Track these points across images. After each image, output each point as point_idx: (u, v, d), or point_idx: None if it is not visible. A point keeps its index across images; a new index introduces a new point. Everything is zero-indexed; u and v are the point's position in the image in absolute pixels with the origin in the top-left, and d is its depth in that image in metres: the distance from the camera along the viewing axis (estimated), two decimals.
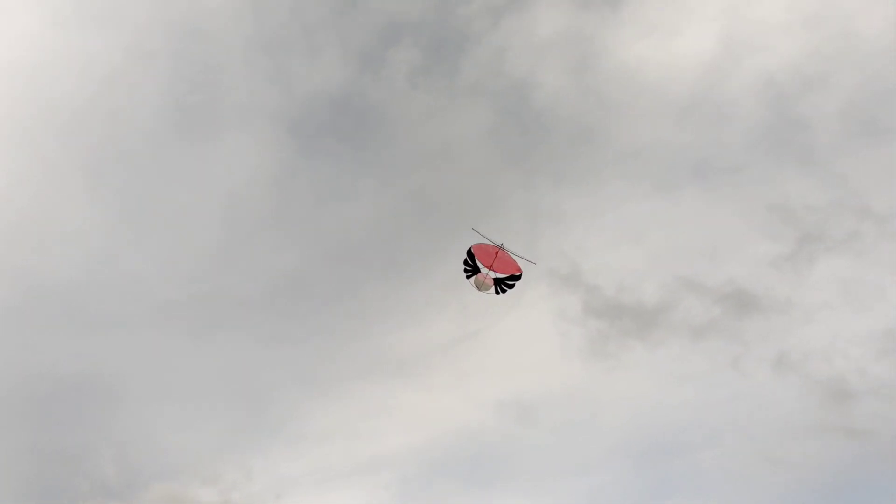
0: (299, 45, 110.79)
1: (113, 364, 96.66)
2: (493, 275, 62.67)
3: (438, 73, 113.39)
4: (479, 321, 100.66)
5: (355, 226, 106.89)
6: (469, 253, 63.12)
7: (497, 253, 62.78)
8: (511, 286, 62.90)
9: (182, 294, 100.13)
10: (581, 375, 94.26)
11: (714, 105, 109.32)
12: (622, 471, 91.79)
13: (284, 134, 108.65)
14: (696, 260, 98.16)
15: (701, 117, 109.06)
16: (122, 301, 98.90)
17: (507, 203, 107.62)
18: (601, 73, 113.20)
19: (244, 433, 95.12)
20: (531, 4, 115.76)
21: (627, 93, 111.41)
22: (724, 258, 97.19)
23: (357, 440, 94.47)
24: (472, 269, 63.41)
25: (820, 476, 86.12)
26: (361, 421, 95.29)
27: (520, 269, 62.79)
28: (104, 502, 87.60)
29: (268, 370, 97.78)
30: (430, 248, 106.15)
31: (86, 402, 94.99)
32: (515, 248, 63.65)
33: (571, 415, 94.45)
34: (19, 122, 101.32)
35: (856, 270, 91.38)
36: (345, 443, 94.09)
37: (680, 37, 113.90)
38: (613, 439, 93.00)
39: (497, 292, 63.12)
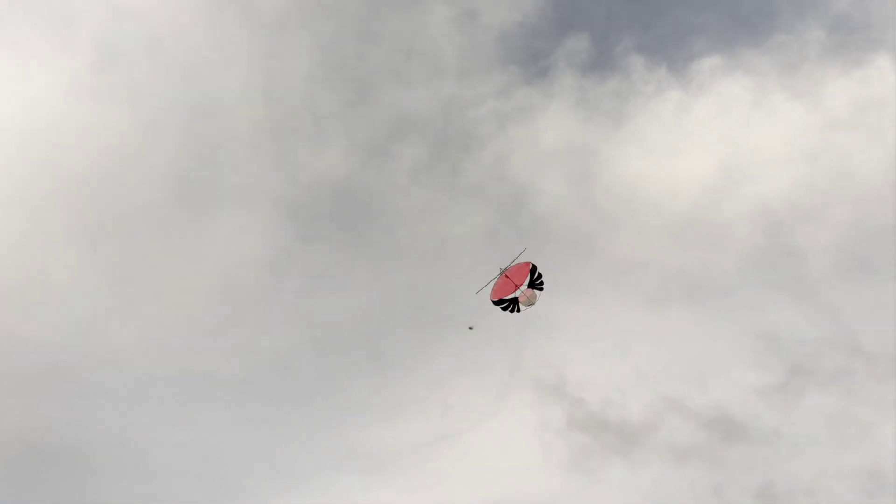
0: (307, 132, 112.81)
1: (90, 434, 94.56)
2: (524, 287, 68.19)
3: (441, 171, 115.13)
4: (461, 422, 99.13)
5: (345, 315, 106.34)
6: (496, 303, 68.42)
7: (506, 276, 68.09)
8: (540, 277, 68.30)
9: (165, 368, 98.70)
10: (561, 488, 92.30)
11: (709, 227, 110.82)
12: None
13: (284, 217, 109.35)
14: (683, 381, 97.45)
15: (696, 238, 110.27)
16: (105, 371, 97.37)
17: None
18: (601, 185, 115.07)
19: None
20: (538, 114, 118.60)
21: (625, 207, 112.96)
22: (712, 382, 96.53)
23: None
24: (509, 303, 68.50)
25: None
26: None
27: (529, 263, 68.65)
28: None
29: (242, 453, 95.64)
30: (417, 343, 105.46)
31: (60, 470, 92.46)
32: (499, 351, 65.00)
33: None
34: (22, 182, 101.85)
35: (844, 407, 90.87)
36: None
37: (680, 158, 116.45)
38: None
39: (541, 289, 68.66)
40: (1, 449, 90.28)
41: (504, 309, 68.94)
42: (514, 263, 69.10)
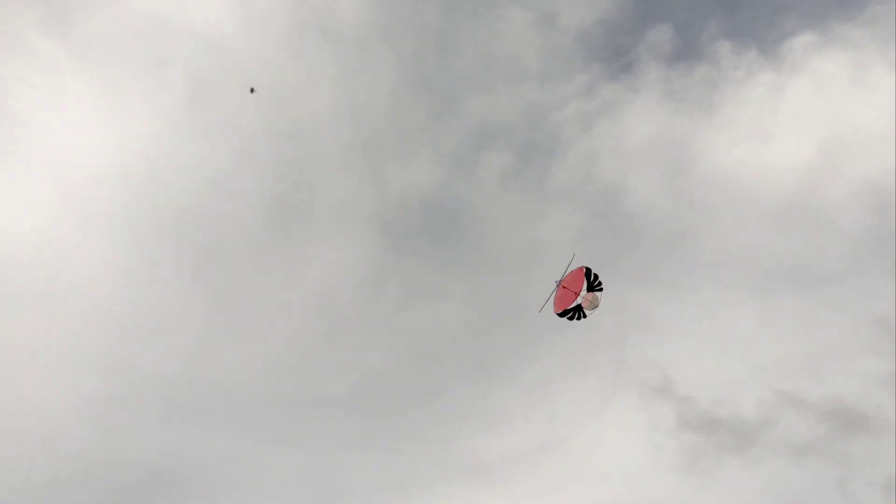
0: (394, 147, 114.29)
1: (201, 456, 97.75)
2: (583, 293, 67.72)
3: (529, 177, 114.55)
4: (567, 427, 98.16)
5: (443, 326, 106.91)
6: (561, 315, 68.10)
7: (563, 286, 67.59)
8: (597, 279, 67.84)
9: (271, 390, 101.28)
10: (674, 490, 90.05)
11: (813, 212, 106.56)
12: None
13: (377, 233, 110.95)
14: (797, 373, 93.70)
15: (800, 224, 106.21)
16: (214, 395, 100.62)
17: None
18: (695, 177, 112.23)
19: None
20: (624, 110, 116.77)
21: (722, 197, 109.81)
22: (827, 372, 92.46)
23: None
24: (574, 312, 68.13)
25: None
26: None
27: (582, 268, 67.91)
28: None
29: (350, 469, 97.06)
30: (516, 350, 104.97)
31: (169, 494, 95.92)
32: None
33: None
34: (130, 220, 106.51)
35: None
36: None
37: (777, 142, 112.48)
38: None
39: (601, 290, 68.06)
40: (120, 474, 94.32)
41: (570, 318, 68.41)
42: (567, 272, 68.36)
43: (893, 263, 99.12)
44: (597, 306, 68.74)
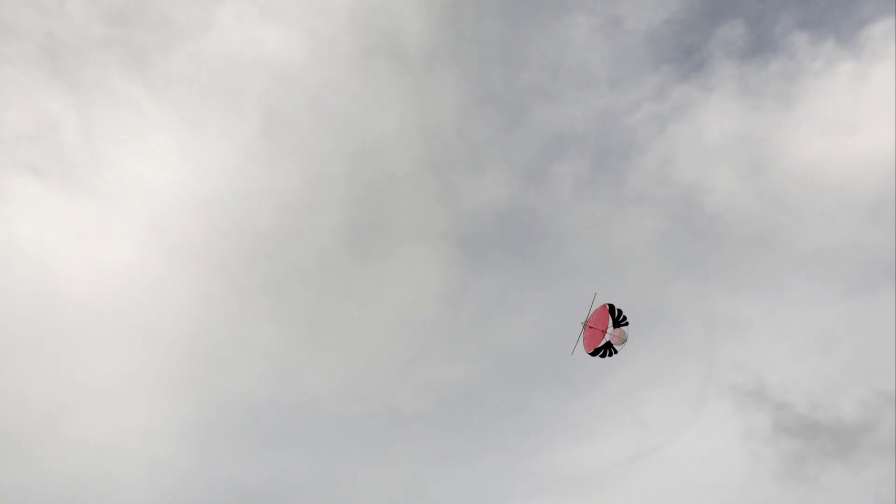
0: (466, 162, 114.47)
1: (290, 478, 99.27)
2: (610, 330, 68.33)
3: (604, 183, 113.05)
4: (658, 436, 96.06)
5: (524, 338, 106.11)
6: (593, 354, 68.92)
7: (590, 326, 68.47)
8: (621, 314, 68.66)
9: (357, 409, 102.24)
10: (776, 499, 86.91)
11: None
12: None
13: (453, 249, 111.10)
14: None
15: (892, 214, 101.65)
16: (302, 417, 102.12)
17: (680, 312, 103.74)
18: (777, 173, 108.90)
19: None
20: (698, 109, 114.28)
21: (807, 192, 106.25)
22: None
23: None
24: (604, 349, 68.60)
25: None
26: None
27: (605, 305, 68.76)
28: None
29: (438, 486, 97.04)
30: (601, 359, 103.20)
31: None
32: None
33: None
34: (213, 249, 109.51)
35: None
36: None
37: (862, 132, 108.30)
38: None
39: (627, 325, 68.57)
40: (216, 496, 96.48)
41: (602, 356, 68.65)
42: (591, 312, 69.00)
43: None
44: (625, 340, 68.72)
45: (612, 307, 69.17)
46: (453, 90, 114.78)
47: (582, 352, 69.50)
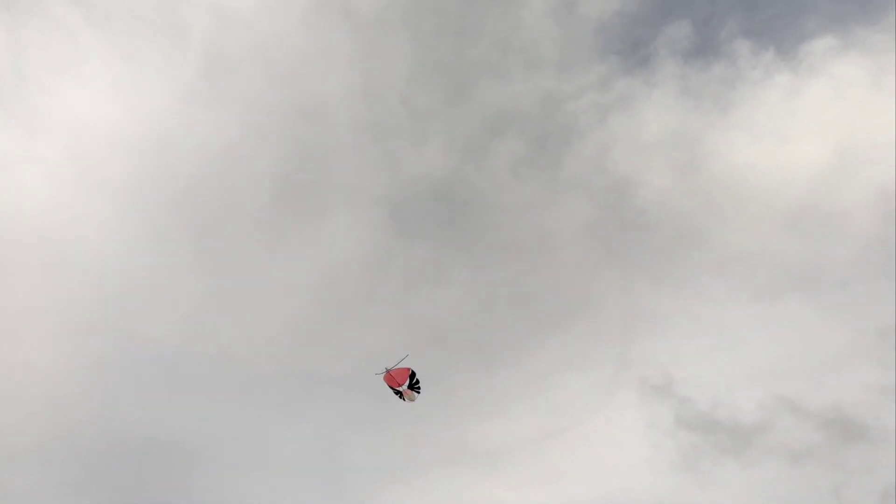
0: (407, 130, 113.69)
1: (198, 430, 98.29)
2: (405, 386, 76.76)
3: (542, 165, 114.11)
4: (568, 418, 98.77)
5: (448, 312, 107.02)
6: (389, 386, 77.02)
7: (391, 374, 76.80)
8: (418, 383, 77.09)
9: (271, 366, 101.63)
10: (670, 488, 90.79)
11: (825, 215, 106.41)
12: None
13: (386, 216, 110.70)
14: (797, 378, 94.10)
15: (810, 227, 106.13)
16: (215, 370, 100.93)
17: (601, 300, 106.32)
18: (707, 174, 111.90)
19: None
20: (639, 104, 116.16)
21: (734, 196, 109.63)
22: (828, 380, 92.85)
23: None
24: (398, 392, 76.93)
25: None
26: None
27: (409, 369, 76.99)
28: None
29: (352, 451, 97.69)
30: (521, 340, 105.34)
31: (169, 464, 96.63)
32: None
33: None
34: (138, 188, 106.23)
35: None
36: None
37: (792, 144, 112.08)
38: None
39: (418, 392, 77.34)
40: (118, 442, 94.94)
41: (396, 394, 77.02)
42: (396, 367, 76.88)
43: None
44: (413, 400, 77.27)
45: (413, 374, 76.72)
46: (402, 56, 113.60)
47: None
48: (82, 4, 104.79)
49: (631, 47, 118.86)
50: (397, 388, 76.51)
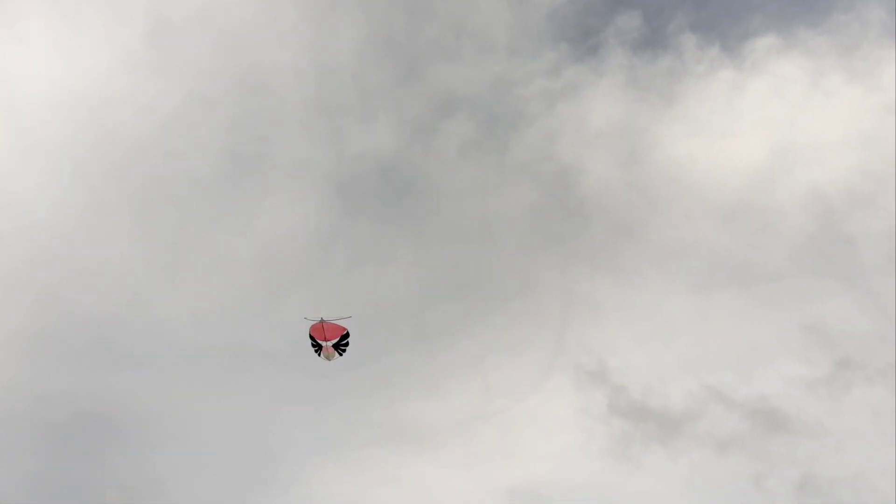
0: (356, 108, 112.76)
1: (132, 403, 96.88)
2: (329, 343, 71.86)
3: (488, 149, 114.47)
4: (502, 401, 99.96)
5: (388, 291, 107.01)
6: (310, 336, 71.78)
7: (323, 326, 71.42)
8: (346, 345, 72.25)
9: (209, 341, 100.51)
10: (600, 473, 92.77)
11: (760, 212, 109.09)
12: None
13: (331, 193, 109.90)
14: (727, 370, 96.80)
15: (745, 222, 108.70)
16: (150, 341, 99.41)
17: (541, 286, 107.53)
18: (649, 166, 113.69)
19: (255, 489, 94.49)
20: (587, 92, 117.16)
21: (674, 189, 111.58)
22: (756, 372, 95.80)
23: None
24: (316, 346, 72.21)
25: None
26: (373, 489, 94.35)
27: (345, 329, 71.97)
28: None
29: (286, 428, 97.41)
30: (460, 321, 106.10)
31: (99, 437, 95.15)
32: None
33: None
34: (76, 152, 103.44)
35: (892, 403, 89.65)
36: None
37: (732, 139, 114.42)
38: None
39: (340, 354, 72.57)
40: (45, 412, 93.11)
41: (312, 346, 72.61)
42: (335, 320, 72.04)
43: (831, 269, 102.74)
44: (329, 360, 73.23)
45: (347, 334, 72.47)
46: (354, 33, 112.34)
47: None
48: None
49: (582, 35, 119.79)
50: (320, 342, 72.35)
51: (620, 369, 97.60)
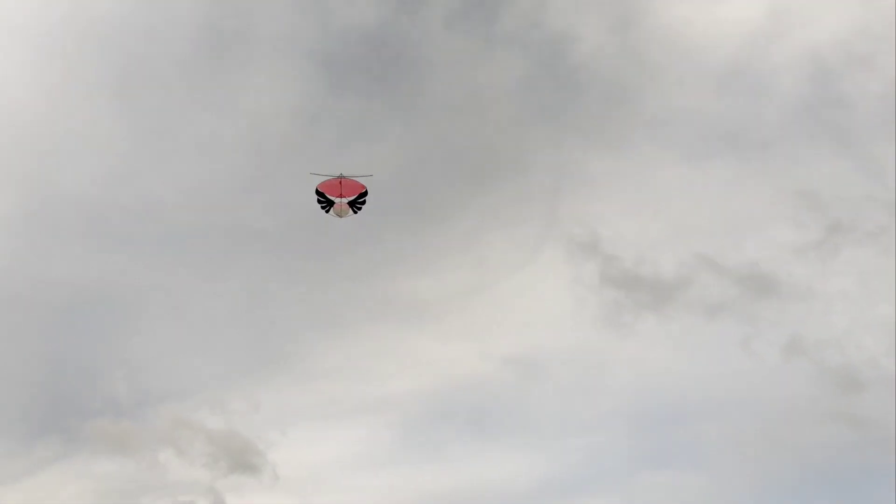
0: None
1: (127, 282, 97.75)
2: (345, 200, 68.30)
3: (477, 19, 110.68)
4: (495, 274, 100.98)
5: (378, 167, 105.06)
6: (317, 192, 68.25)
7: (341, 182, 68.51)
8: (363, 202, 68.68)
9: (200, 220, 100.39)
10: (592, 340, 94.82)
11: (754, 76, 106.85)
12: (623, 434, 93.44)
13: (316, 67, 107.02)
14: (718, 237, 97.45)
15: (739, 87, 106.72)
16: (140, 221, 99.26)
17: (532, 159, 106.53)
18: (643, 32, 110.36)
19: (253, 365, 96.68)
20: None
21: (667, 55, 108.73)
22: (748, 239, 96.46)
23: (364, 380, 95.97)
24: (326, 203, 68.48)
25: (818, 461, 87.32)
26: (370, 362, 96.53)
27: (364, 186, 68.65)
28: (114, 420, 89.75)
29: (281, 305, 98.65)
30: (451, 196, 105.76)
31: (98, 317, 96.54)
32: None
33: (578, 376, 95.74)
34: (57, 31, 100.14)
35: (880, 264, 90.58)
36: (352, 382, 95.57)
37: (726, 1, 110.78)
38: (618, 403, 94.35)
39: (355, 212, 68.92)
40: (36, 295, 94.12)
41: (319, 202, 68.78)
42: (354, 177, 68.90)
43: (825, 133, 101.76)
44: (341, 217, 69.28)
45: (366, 192, 69.05)
46: None
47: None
48: None
49: None
50: (332, 199, 68.47)
51: (612, 239, 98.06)
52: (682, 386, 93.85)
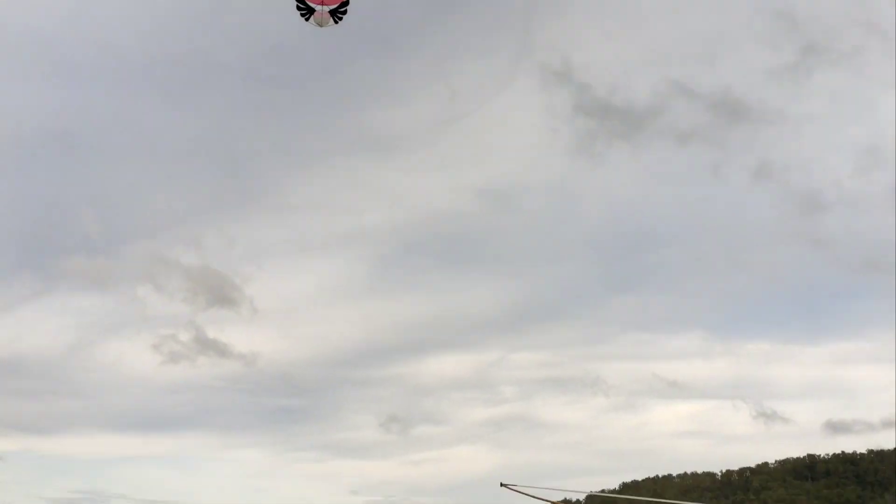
0: None
1: (87, 119, 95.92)
2: (326, 9, 66.82)
3: None
4: (466, 105, 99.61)
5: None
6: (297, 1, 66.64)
7: None
8: (344, 12, 67.34)
9: (160, 53, 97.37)
10: (565, 169, 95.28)
11: None
12: (594, 260, 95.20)
13: None
14: (692, 62, 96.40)
15: None
16: (100, 56, 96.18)
17: None
18: None
19: (224, 200, 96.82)
20: None
21: None
22: (722, 62, 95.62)
23: (337, 213, 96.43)
24: (306, 10, 67.07)
25: (781, 279, 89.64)
26: (343, 195, 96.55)
27: None
28: (89, 256, 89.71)
29: (249, 138, 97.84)
30: (422, 22, 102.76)
31: (63, 155, 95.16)
32: None
33: (551, 205, 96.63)
34: None
35: (852, 85, 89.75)
36: (324, 215, 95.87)
37: None
38: (589, 230, 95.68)
39: (335, 22, 67.33)
40: (11, 132, 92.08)
41: (299, 10, 67.22)
42: None
43: None
44: (321, 26, 67.65)
45: (347, 3, 67.44)
46: None
47: None
48: None
49: None
50: (313, 6, 66.84)
51: (586, 66, 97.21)
52: (652, 213, 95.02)
